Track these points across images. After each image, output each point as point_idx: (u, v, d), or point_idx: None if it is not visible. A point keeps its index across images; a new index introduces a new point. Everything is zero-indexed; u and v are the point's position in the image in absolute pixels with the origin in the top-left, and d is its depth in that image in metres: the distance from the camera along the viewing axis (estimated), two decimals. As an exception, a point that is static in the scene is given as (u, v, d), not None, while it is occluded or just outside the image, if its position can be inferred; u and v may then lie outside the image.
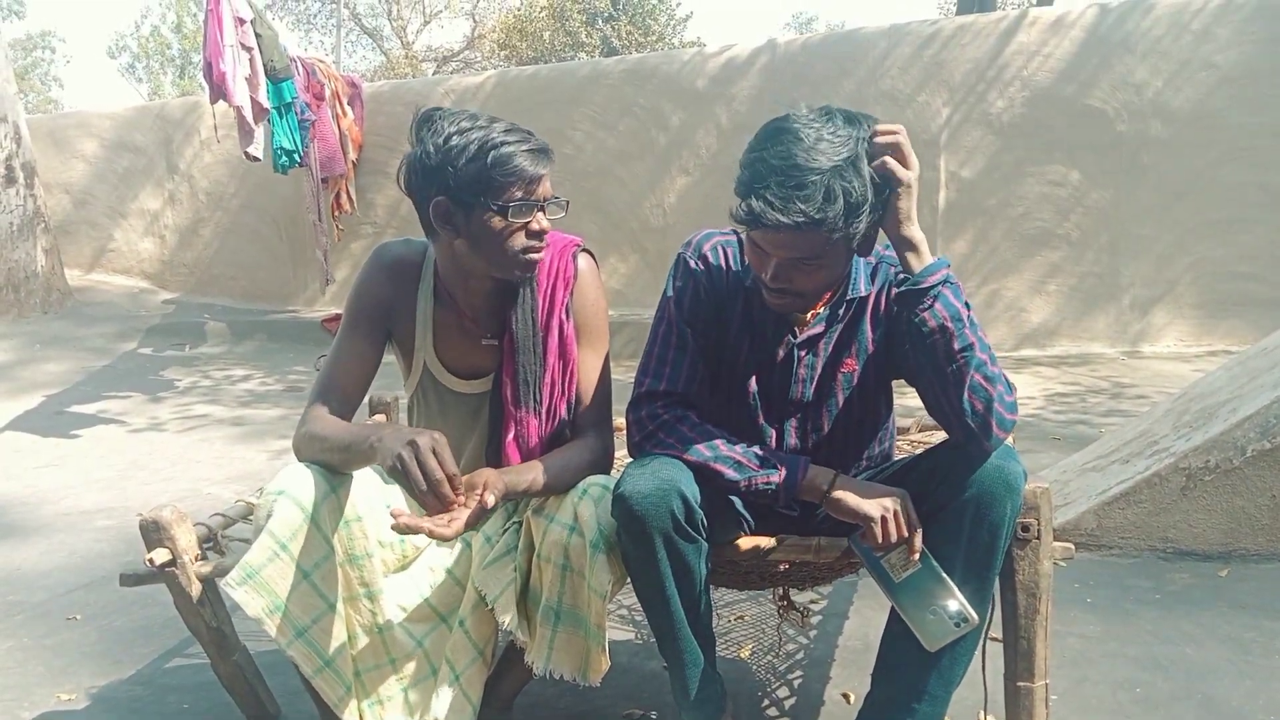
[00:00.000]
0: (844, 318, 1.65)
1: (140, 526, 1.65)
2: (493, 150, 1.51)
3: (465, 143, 1.52)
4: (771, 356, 1.66)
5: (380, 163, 7.62)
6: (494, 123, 1.55)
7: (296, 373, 6.36)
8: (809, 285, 1.53)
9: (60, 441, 4.75)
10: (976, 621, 1.48)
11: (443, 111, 1.58)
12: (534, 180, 1.55)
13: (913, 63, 6.42)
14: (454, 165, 1.52)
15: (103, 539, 3.21)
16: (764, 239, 1.47)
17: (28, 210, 7.50)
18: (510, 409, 1.69)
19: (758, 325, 1.65)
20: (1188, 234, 6.04)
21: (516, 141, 1.53)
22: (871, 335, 1.65)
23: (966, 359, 1.44)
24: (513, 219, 1.55)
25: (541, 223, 1.58)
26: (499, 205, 1.54)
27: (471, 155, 1.51)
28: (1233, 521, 2.64)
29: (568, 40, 21.05)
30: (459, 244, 1.60)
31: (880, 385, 1.69)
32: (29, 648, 2.35)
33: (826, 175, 1.40)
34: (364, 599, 1.57)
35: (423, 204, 1.59)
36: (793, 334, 1.65)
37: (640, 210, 7.09)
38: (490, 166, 1.51)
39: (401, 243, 1.75)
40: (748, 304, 1.65)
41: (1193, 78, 5.98)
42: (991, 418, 1.45)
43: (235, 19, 5.50)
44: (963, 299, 1.47)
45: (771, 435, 1.68)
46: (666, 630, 1.56)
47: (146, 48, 31.81)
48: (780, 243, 1.46)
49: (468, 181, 1.52)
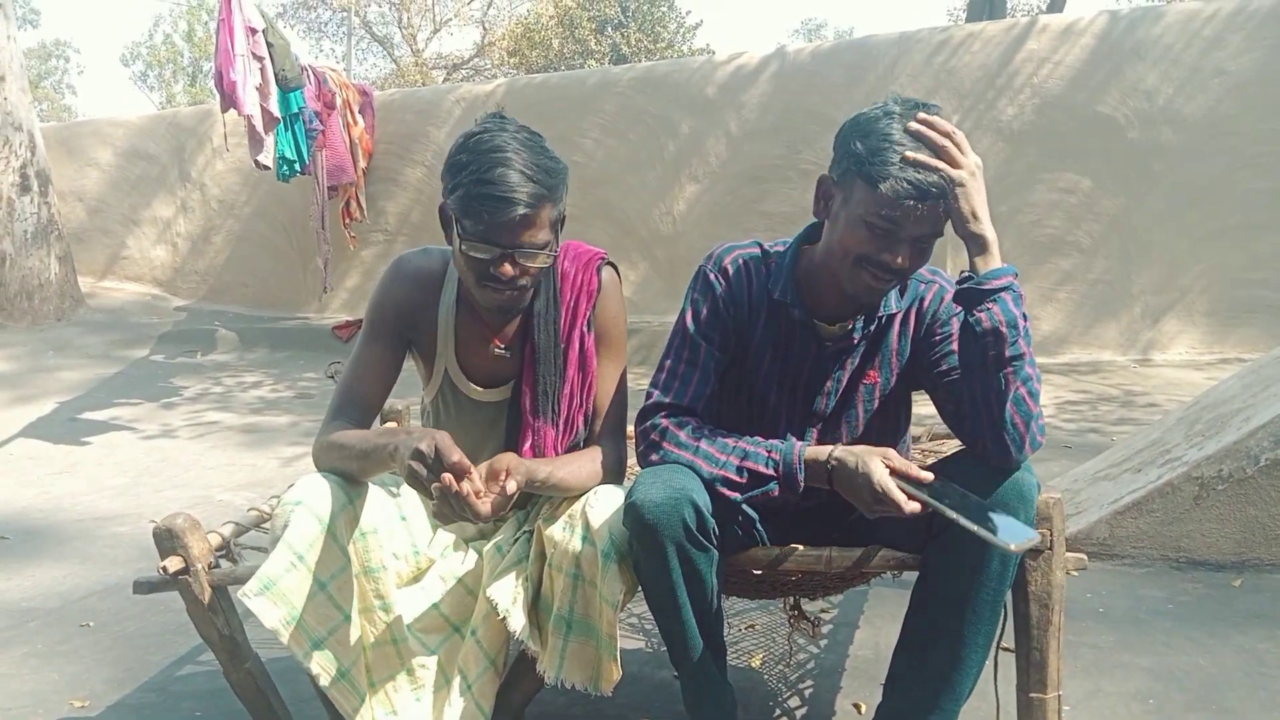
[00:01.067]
0: (873, 332, 1.65)
1: (154, 534, 1.66)
2: (483, 183, 1.48)
3: (469, 160, 1.50)
4: (796, 368, 1.66)
5: (391, 170, 7.65)
6: (509, 152, 1.49)
7: (307, 379, 6.39)
8: (922, 261, 1.54)
9: (73, 448, 4.78)
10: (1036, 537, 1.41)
11: (498, 120, 1.56)
12: (505, 228, 1.49)
13: (923, 70, 6.42)
14: (454, 177, 1.53)
15: (116, 546, 3.22)
16: (906, 215, 1.46)
17: (42, 218, 7.55)
18: (528, 418, 1.70)
19: (783, 337, 1.65)
20: (1199, 241, 6.02)
21: (506, 186, 1.47)
22: (896, 348, 1.65)
23: (1015, 369, 1.44)
24: (475, 254, 1.52)
25: (507, 270, 1.53)
26: (466, 236, 1.52)
27: (466, 179, 1.49)
28: (1246, 531, 2.62)
29: (577, 48, 21.11)
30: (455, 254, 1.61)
31: (901, 398, 1.70)
32: (43, 654, 2.36)
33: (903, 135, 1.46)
34: (379, 610, 1.58)
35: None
36: (822, 347, 1.64)
37: (650, 218, 7.10)
38: (470, 198, 1.49)
39: (421, 253, 1.76)
40: (773, 316, 1.65)
41: (1204, 84, 5.96)
42: (1027, 434, 1.47)
43: (247, 28, 5.54)
44: (1022, 309, 1.47)
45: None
46: (678, 639, 1.56)
47: (159, 56, 32.02)
48: (921, 215, 1.47)
49: (457, 200, 1.52)
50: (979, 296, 1.45)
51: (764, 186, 6.79)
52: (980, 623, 1.50)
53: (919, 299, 1.66)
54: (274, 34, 5.81)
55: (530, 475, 1.50)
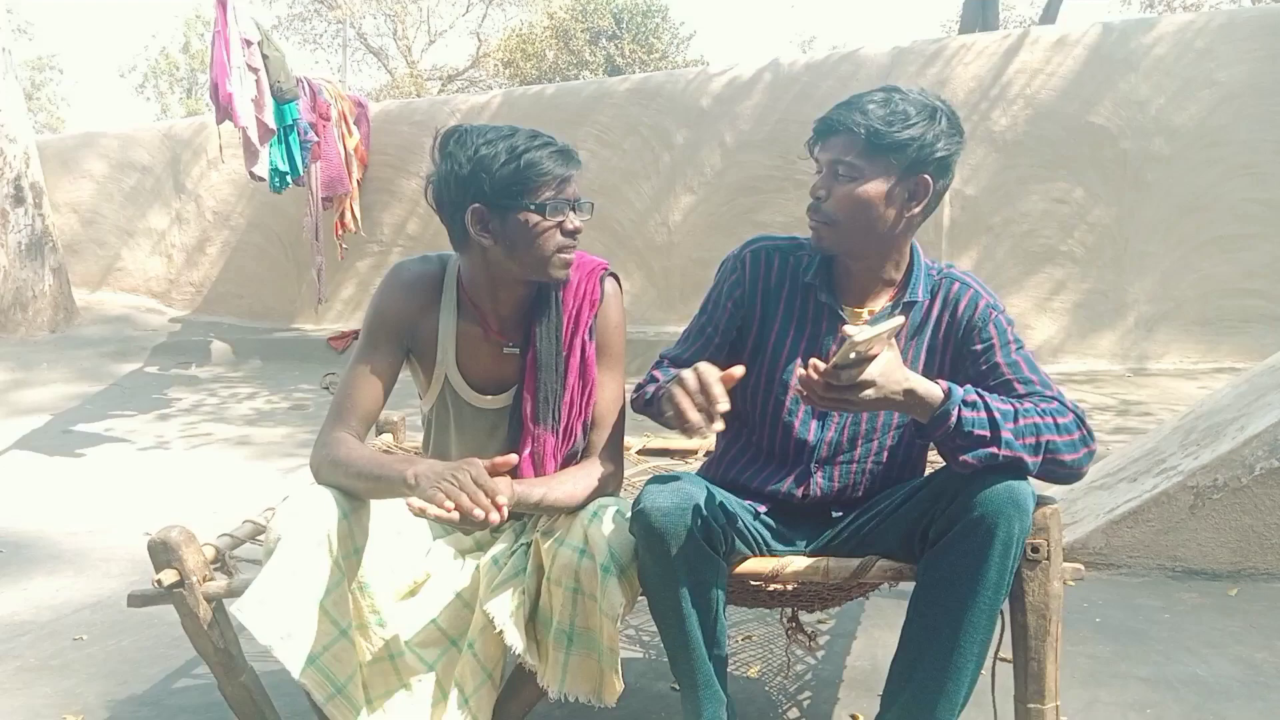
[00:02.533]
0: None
1: (148, 547, 1.65)
2: (524, 154, 1.57)
3: (495, 151, 1.57)
4: (820, 350, 1.68)
5: (386, 181, 7.66)
6: (517, 131, 1.61)
7: (302, 391, 6.38)
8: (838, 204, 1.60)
9: (66, 460, 4.76)
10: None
11: (464, 127, 1.63)
12: (564, 180, 1.61)
13: (916, 81, 6.44)
14: (487, 172, 1.57)
15: (109, 558, 3.21)
16: (820, 149, 1.62)
17: (36, 230, 7.54)
18: (529, 425, 1.71)
19: (809, 320, 1.70)
20: (1192, 251, 6.04)
21: (542, 145, 1.59)
22: (927, 344, 1.67)
23: (1016, 457, 1.45)
24: (550, 216, 1.60)
25: (574, 221, 1.63)
26: (536, 204, 1.59)
27: (503, 161, 1.57)
28: (1242, 540, 2.63)
29: (571, 59, 21.16)
30: (494, 251, 1.63)
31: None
32: (36, 668, 2.35)
33: (901, 98, 1.57)
34: (375, 625, 1.57)
35: (456, 215, 1.62)
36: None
37: (645, 228, 7.11)
38: (523, 169, 1.57)
39: (418, 260, 1.77)
40: (798, 298, 1.71)
41: (1196, 95, 6.00)
42: (1053, 467, 1.49)
43: (242, 40, 5.55)
44: (980, 415, 1.44)
45: (811, 428, 1.70)
46: (680, 649, 1.56)
47: (155, 68, 32.06)
48: (829, 146, 1.59)
49: (502, 185, 1.57)
50: (947, 448, 1.46)
51: (759, 197, 6.81)
52: (976, 632, 1.50)
53: (954, 302, 1.67)
54: (269, 46, 5.82)
55: (523, 499, 1.52)
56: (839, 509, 1.73)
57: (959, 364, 1.66)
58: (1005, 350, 1.61)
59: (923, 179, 1.58)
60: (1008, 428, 1.44)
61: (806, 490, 1.71)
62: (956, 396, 1.44)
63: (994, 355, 1.61)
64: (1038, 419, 1.48)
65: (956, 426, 1.43)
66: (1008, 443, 1.44)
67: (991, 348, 1.62)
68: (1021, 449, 1.45)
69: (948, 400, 1.43)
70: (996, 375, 1.60)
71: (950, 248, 6.37)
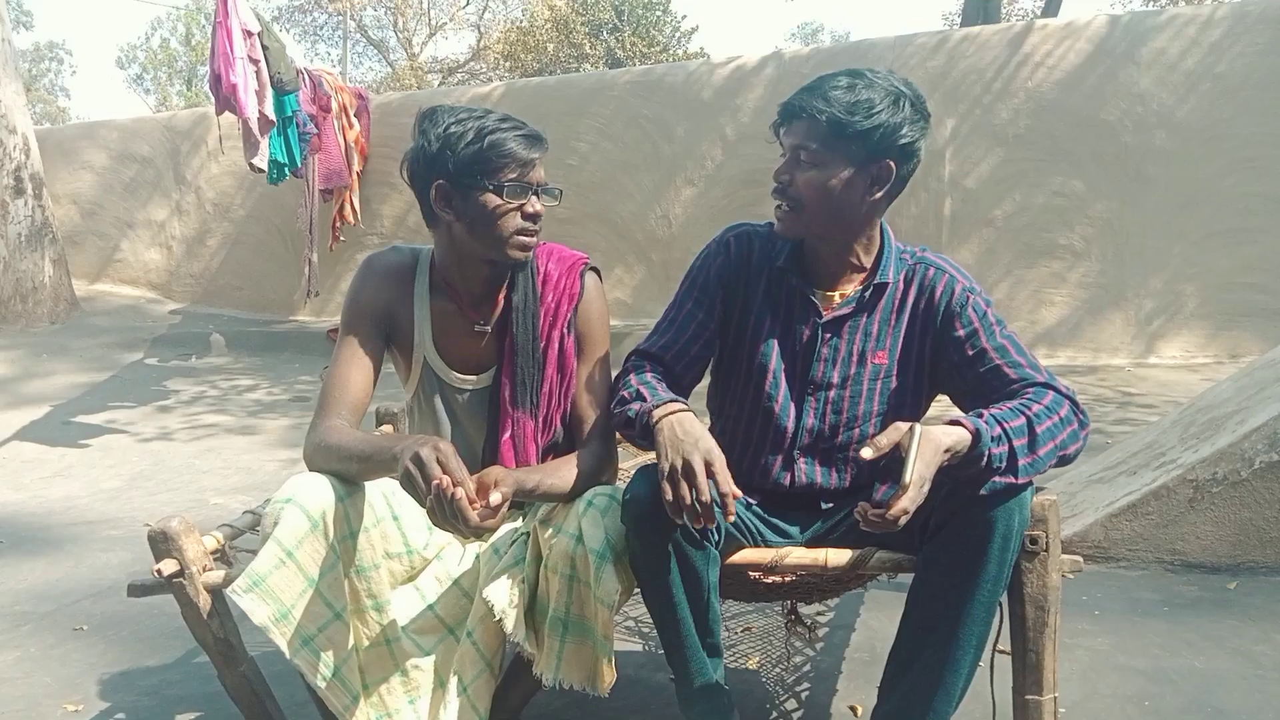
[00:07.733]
0: (871, 304, 1.67)
1: (148, 537, 1.65)
2: (489, 135, 1.60)
3: (463, 130, 1.61)
4: (795, 335, 1.69)
5: (387, 174, 7.65)
6: (489, 113, 1.64)
7: (303, 382, 6.38)
8: (802, 188, 1.59)
9: (67, 451, 4.77)
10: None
11: (443, 106, 1.67)
12: (528, 164, 1.63)
13: (918, 74, 6.43)
14: (453, 150, 1.61)
15: (110, 549, 3.21)
16: (785, 132, 1.62)
17: (36, 221, 7.54)
18: (507, 408, 1.74)
19: (784, 305, 1.70)
20: (1193, 245, 6.04)
21: (510, 128, 1.62)
22: (905, 332, 1.67)
23: (1037, 467, 1.46)
24: (509, 198, 1.62)
25: (535, 206, 1.66)
26: (494, 185, 1.61)
27: (469, 140, 1.60)
28: (1241, 533, 2.63)
29: (572, 52, 21.13)
30: (457, 228, 1.66)
31: (919, 391, 1.69)
32: (36, 658, 2.35)
33: (864, 85, 1.55)
34: (371, 611, 1.57)
35: (424, 190, 1.66)
36: (818, 314, 1.67)
37: (646, 221, 7.10)
38: (486, 149, 1.60)
39: (389, 251, 1.80)
40: (775, 284, 1.71)
41: (1198, 89, 5.98)
42: (1059, 465, 1.51)
43: (243, 31, 5.53)
44: (1003, 449, 1.42)
45: (790, 413, 1.69)
46: (674, 638, 1.56)
47: (155, 59, 32.00)
48: (793, 130, 1.59)
49: (466, 164, 1.61)
50: (966, 480, 1.44)
51: (760, 190, 6.78)
52: (975, 624, 1.50)
53: (930, 288, 1.66)
54: (270, 37, 5.81)
55: (519, 485, 1.53)
56: (828, 500, 1.73)
57: (941, 351, 1.65)
58: (990, 334, 1.61)
59: (886, 164, 1.58)
60: (1024, 461, 1.43)
61: (793, 477, 1.71)
62: (986, 439, 1.40)
63: (979, 340, 1.61)
64: (1049, 422, 1.47)
65: (986, 466, 1.41)
66: (1024, 470, 1.44)
67: (975, 333, 1.61)
68: (1033, 471, 1.46)
69: (978, 443, 1.40)
70: (985, 361, 1.59)
71: (951, 240, 6.37)
